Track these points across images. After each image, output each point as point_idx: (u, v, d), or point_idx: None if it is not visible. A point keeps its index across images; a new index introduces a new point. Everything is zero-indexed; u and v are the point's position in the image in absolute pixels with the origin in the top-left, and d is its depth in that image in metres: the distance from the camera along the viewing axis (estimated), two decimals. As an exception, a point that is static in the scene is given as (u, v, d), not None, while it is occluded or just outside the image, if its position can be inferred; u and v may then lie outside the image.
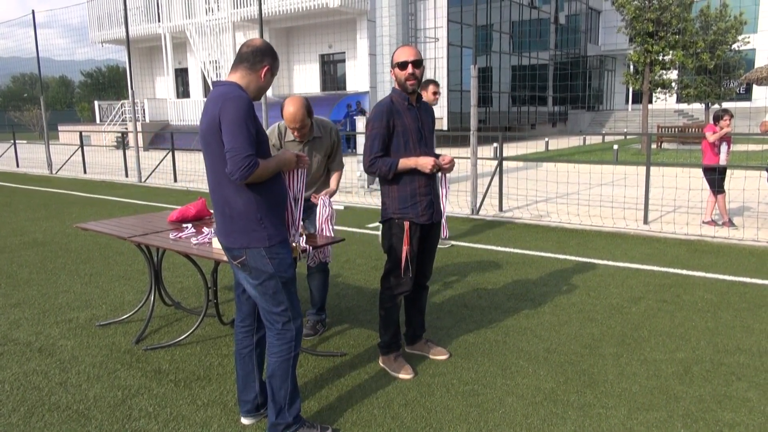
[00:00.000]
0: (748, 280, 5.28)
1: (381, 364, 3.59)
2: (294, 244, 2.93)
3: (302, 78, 25.83)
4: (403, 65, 3.28)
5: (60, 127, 30.40)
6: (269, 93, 24.29)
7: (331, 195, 3.92)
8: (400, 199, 3.36)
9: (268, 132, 3.79)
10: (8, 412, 3.11)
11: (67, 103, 61.53)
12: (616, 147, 15.40)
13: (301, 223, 3.66)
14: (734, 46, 23.76)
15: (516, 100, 28.50)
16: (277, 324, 2.69)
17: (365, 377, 3.45)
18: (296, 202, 2.87)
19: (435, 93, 5.95)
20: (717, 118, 7.31)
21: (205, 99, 26.41)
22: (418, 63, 3.29)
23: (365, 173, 3.37)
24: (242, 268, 2.65)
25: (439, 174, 3.48)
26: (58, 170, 16.49)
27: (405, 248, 3.36)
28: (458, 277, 5.46)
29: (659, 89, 20.71)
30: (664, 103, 28.65)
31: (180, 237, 3.84)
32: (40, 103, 16.83)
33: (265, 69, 2.65)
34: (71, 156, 17.73)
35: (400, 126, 3.31)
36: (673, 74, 22.84)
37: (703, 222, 7.70)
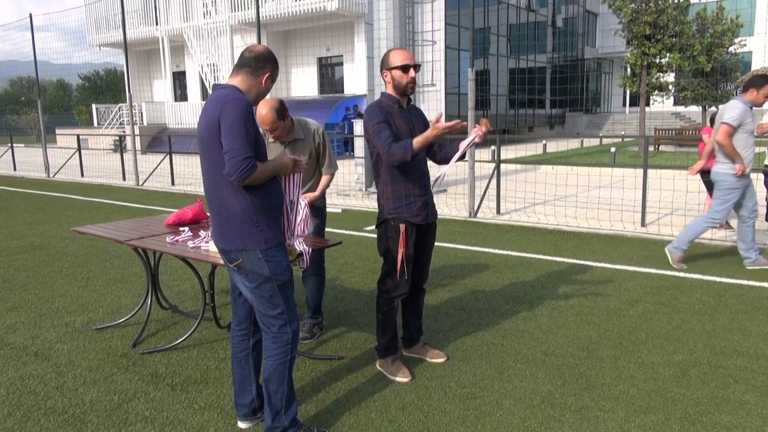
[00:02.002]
0: (745, 282, 5.28)
1: (378, 368, 3.59)
2: (290, 248, 2.93)
3: (300, 81, 25.85)
4: (405, 68, 3.27)
5: (57, 131, 30.37)
6: (267, 96, 24.28)
7: (312, 200, 3.94)
8: (394, 199, 3.36)
9: None
10: (4, 416, 3.09)
11: (64, 106, 61.42)
12: (613, 149, 15.42)
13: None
14: (731, 48, 23.84)
15: (513, 102, 28.55)
16: (273, 327, 2.69)
17: (362, 380, 3.44)
18: (292, 206, 2.86)
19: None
20: (714, 121, 7.33)
21: (203, 102, 26.47)
22: (418, 66, 3.32)
23: (388, 162, 3.25)
24: (238, 271, 2.65)
25: (463, 144, 3.24)
26: (56, 174, 16.47)
27: (401, 250, 3.36)
28: (456, 280, 5.46)
29: (656, 92, 20.78)
30: (662, 105, 28.73)
31: (177, 240, 3.84)
32: (37, 107, 16.82)
33: (266, 75, 2.67)
34: (69, 159, 17.72)
35: (393, 127, 3.31)
36: (670, 77, 22.91)
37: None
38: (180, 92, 29.55)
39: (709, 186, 7.46)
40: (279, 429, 2.74)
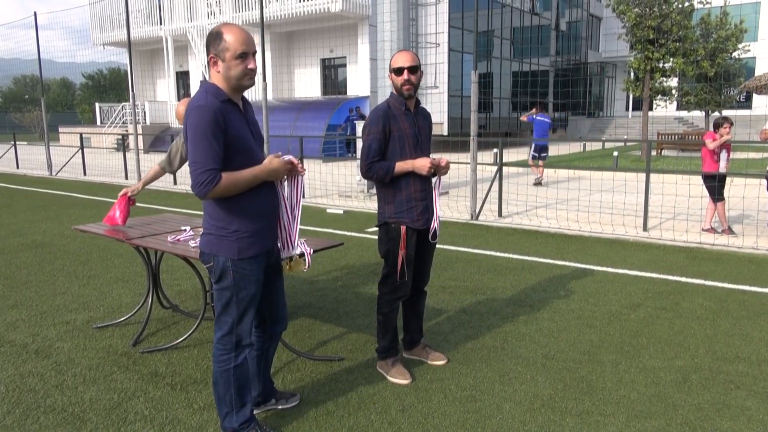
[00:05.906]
0: (747, 287, 5.27)
1: (378, 369, 3.58)
2: (289, 256, 2.91)
3: (303, 82, 25.87)
4: (398, 71, 3.26)
5: (60, 129, 30.41)
6: (269, 97, 24.31)
7: (134, 190, 4.16)
8: (395, 204, 3.36)
9: None
10: (3, 414, 3.09)
11: (68, 104, 61.54)
12: (616, 153, 15.39)
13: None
14: (734, 54, 23.80)
15: (516, 106, 28.53)
16: (220, 331, 2.67)
17: (362, 382, 3.44)
18: (292, 212, 2.83)
19: None
20: (717, 126, 7.32)
21: (205, 102, 26.47)
22: (414, 69, 3.26)
23: (363, 178, 3.37)
24: (210, 270, 2.65)
25: (434, 179, 3.47)
26: (58, 172, 16.49)
27: (401, 252, 3.35)
28: (457, 283, 5.45)
29: (659, 96, 20.75)
30: (665, 110, 28.68)
31: (178, 240, 3.84)
32: (41, 105, 16.84)
33: (211, 59, 2.48)
34: (71, 158, 17.74)
35: (396, 131, 3.30)
36: (673, 81, 22.87)
37: (703, 229, 7.69)
38: (183, 92, 29.58)
39: (711, 191, 7.45)
40: (229, 430, 2.73)
